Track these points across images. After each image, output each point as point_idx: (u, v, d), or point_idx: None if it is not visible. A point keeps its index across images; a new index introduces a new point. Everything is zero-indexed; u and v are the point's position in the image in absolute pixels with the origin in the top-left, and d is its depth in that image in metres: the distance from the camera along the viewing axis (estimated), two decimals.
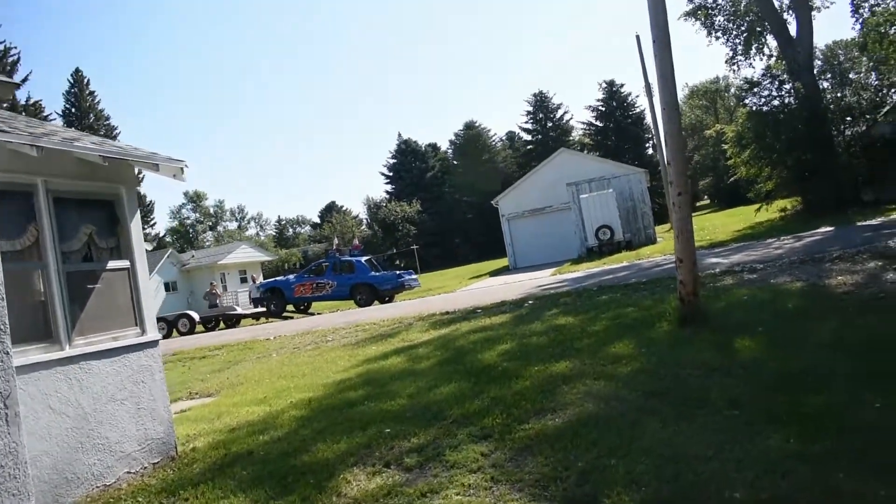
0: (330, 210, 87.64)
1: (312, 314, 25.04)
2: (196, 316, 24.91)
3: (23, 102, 48.79)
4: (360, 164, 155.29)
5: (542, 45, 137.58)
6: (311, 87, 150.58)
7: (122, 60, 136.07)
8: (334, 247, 28.81)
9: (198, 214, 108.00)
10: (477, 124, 73.90)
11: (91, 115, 57.76)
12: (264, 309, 25.12)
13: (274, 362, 11.84)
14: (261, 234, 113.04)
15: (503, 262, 35.65)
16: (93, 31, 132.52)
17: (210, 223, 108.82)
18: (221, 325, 25.50)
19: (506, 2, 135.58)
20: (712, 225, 33.70)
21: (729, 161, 30.42)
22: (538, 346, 8.57)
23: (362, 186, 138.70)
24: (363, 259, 26.02)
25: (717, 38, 31.38)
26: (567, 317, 10.35)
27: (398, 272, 25.31)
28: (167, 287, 42.18)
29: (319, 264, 26.76)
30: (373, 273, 24.88)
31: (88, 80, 58.45)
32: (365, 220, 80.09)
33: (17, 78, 47.98)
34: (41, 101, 52.74)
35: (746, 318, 8.35)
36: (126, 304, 6.67)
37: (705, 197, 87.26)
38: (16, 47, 48.20)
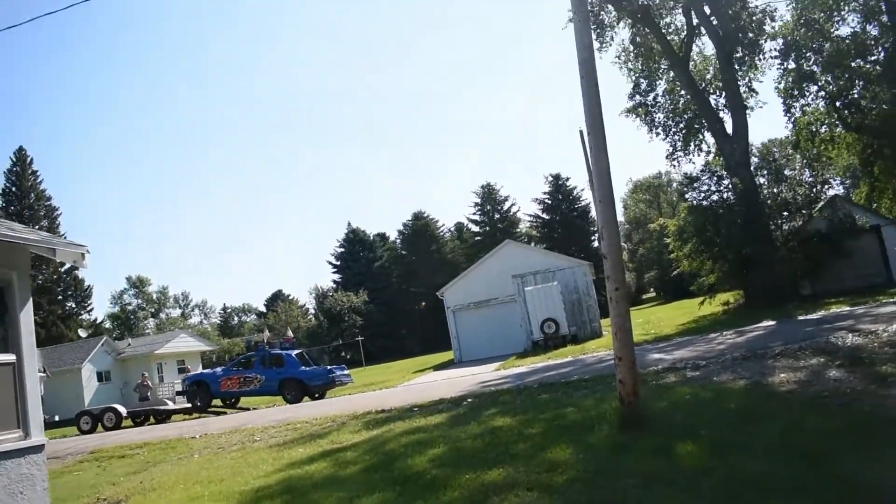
0: (276, 298, 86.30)
1: (246, 409, 23.88)
2: (123, 410, 23.51)
3: None
4: (308, 253, 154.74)
5: (491, 137, 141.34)
6: (257, 172, 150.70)
7: (67, 142, 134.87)
8: (264, 339, 27.65)
9: (140, 300, 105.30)
10: (425, 215, 74.34)
11: (32, 195, 56.49)
12: (189, 404, 23.80)
13: (194, 464, 10.95)
14: (205, 322, 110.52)
15: (449, 355, 35.03)
16: (39, 111, 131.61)
17: (153, 309, 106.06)
18: (151, 419, 24.11)
19: (454, 93, 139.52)
20: (657, 318, 33.86)
21: (672, 254, 30.87)
22: (472, 451, 8.02)
23: (310, 275, 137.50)
24: (294, 352, 24.97)
25: (658, 134, 32.42)
26: (505, 417, 9.83)
27: (329, 367, 24.22)
28: (100, 377, 40.44)
29: (248, 357, 25.68)
30: (303, 368, 23.78)
31: (32, 160, 57.54)
32: (312, 310, 78.84)
33: None
34: None
35: (689, 419, 7.97)
36: (7, 403, 5.96)
37: (651, 290, 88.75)
38: None
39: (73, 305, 57.44)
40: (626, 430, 7.83)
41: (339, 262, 76.04)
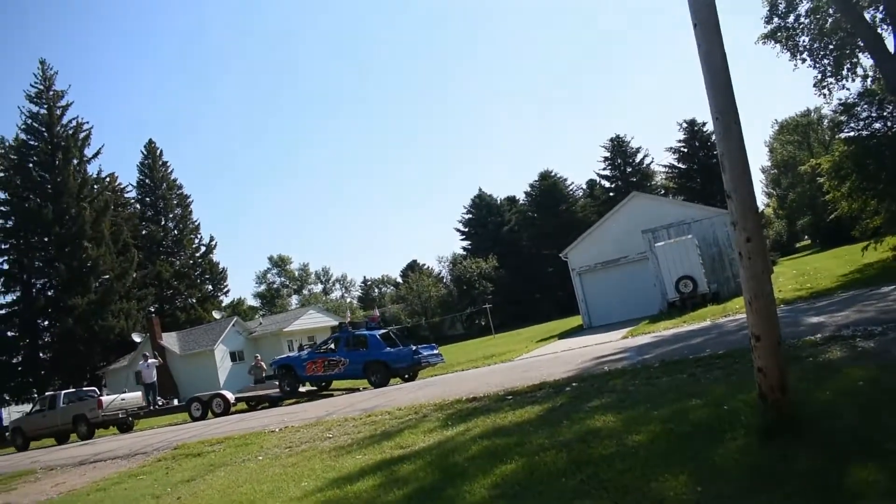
0: (411, 269, 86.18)
1: (333, 394, 22.61)
2: (231, 397, 22.87)
3: (94, 175, 49.38)
4: (440, 221, 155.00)
5: (619, 86, 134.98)
6: (388, 143, 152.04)
7: (193, 130, 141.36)
8: (347, 320, 26.12)
9: (283, 278, 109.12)
10: (553, 174, 71.17)
11: (164, 185, 58.46)
12: (286, 389, 22.79)
13: (245, 472, 9.46)
14: (346, 295, 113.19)
15: (580, 319, 32.57)
16: (165, 103, 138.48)
17: (295, 287, 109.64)
18: (266, 402, 23.37)
19: (579, 47, 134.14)
20: (813, 269, 29.85)
21: (827, 196, 26.83)
22: (552, 472, 5.91)
23: (441, 244, 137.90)
24: (378, 333, 23.18)
25: (803, 60, 28.05)
26: (608, 415, 7.57)
27: (415, 347, 22.24)
28: (233, 357, 41.04)
29: (332, 339, 24.21)
30: (387, 349, 22.05)
31: (161, 151, 59.53)
32: (446, 277, 77.84)
33: (88, 152, 49.02)
34: (115, 173, 53.71)
35: (866, 422, 5.46)
36: None
37: (805, 237, 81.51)
38: (87, 122, 49.11)
39: (210, 288, 59.29)
40: (770, 441, 5.42)
41: (466, 229, 74.57)
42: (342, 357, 22.14)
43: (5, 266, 46.48)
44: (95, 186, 49.13)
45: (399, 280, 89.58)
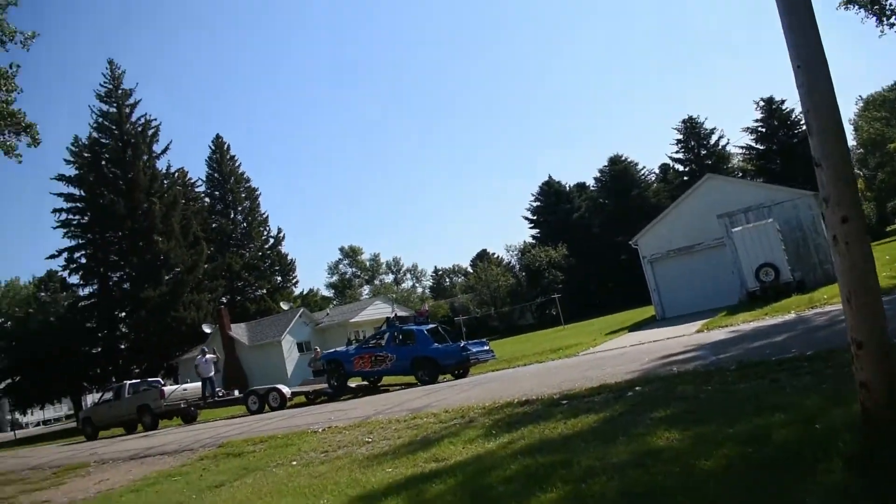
0: (481, 258, 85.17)
1: (388, 389, 21.84)
2: (287, 391, 22.39)
3: (163, 170, 50.11)
4: (509, 210, 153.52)
5: (689, 65, 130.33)
6: (457, 132, 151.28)
7: (259, 123, 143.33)
8: (394, 314, 25.10)
9: (354, 269, 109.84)
10: (623, 158, 68.81)
11: (232, 179, 59.05)
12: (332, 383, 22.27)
13: (273, 480, 8.70)
14: (417, 286, 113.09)
15: (652, 311, 30.92)
16: (231, 97, 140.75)
17: (367, 277, 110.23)
18: (324, 397, 22.79)
19: (647, 28, 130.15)
20: None
21: None
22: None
23: (513, 231, 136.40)
24: (426, 328, 22.14)
25: (890, 24, 25.57)
26: (673, 430, 6.42)
27: (463, 344, 21.15)
28: (300, 348, 40.95)
29: (380, 334, 23.28)
30: (435, 345, 21.01)
31: (228, 146, 60.25)
32: (515, 266, 76.37)
33: (157, 148, 49.79)
34: (184, 168, 54.52)
35: None
36: None
37: None
38: (155, 119, 49.87)
39: (279, 279, 59.74)
40: (876, 476, 4.24)
41: (535, 217, 72.96)
42: (389, 353, 21.36)
43: (83, 260, 47.73)
44: (165, 181, 49.91)
45: (469, 269, 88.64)
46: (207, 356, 24.41)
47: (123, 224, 46.25)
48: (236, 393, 24.83)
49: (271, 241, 60.37)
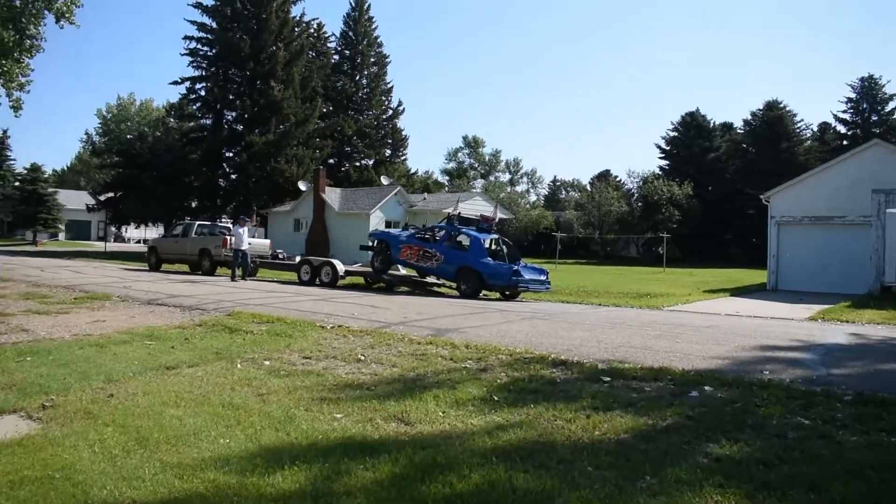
0: (603, 177, 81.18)
1: (441, 291, 20.11)
2: (341, 268, 20.79)
3: (297, 17, 48.67)
4: (644, 134, 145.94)
5: (880, 17, 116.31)
6: (609, 39, 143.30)
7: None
8: (456, 212, 22.59)
9: (472, 160, 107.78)
10: (782, 105, 62.19)
11: (365, 41, 57.13)
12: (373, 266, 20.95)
13: (220, 382, 7.04)
14: (531, 191, 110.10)
15: (765, 276, 27.44)
16: None
17: (483, 171, 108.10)
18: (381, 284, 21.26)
19: None
20: None
21: None
22: None
23: (642, 158, 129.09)
24: (486, 237, 19.96)
25: None
26: (728, 491, 4.11)
27: (516, 267, 18.73)
28: (388, 225, 39.69)
29: (437, 228, 21.16)
30: (486, 260, 18.92)
31: (369, 5, 57.89)
32: (634, 193, 71.94)
33: None
34: (319, 19, 52.82)
35: None
36: None
37: None
38: None
39: (389, 153, 58.35)
40: None
41: (668, 147, 67.88)
42: (439, 251, 19.54)
43: (203, 93, 47.53)
44: (296, 29, 48.41)
45: (588, 187, 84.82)
46: (244, 227, 22.66)
47: (246, 64, 45.45)
48: (297, 259, 23.57)
49: (390, 112, 58.69)
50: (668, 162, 67.78)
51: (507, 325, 11.87)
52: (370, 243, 22.03)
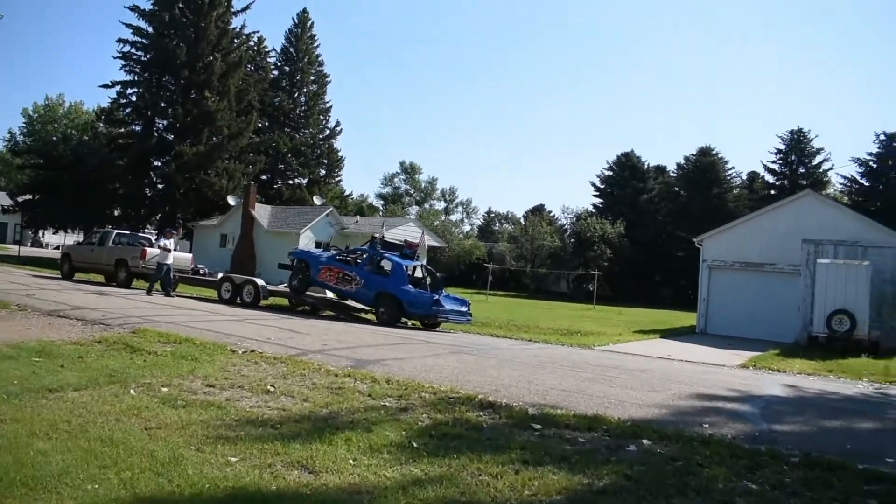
0: (537, 211, 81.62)
1: (368, 316, 19.38)
2: (264, 287, 19.79)
3: (237, 28, 47.49)
4: (578, 171, 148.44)
5: (807, 78, 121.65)
6: (541, 84, 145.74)
7: (354, 12, 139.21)
8: (380, 235, 21.93)
9: (409, 186, 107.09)
10: (714, 151, 63.83)
11: (305, 58, 56.21)
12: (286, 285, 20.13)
13: (104, 409, 6.09)
14: (466, 220, 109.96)
15: (694, 318, 27.50)
16: None
17: (419, 198, 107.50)
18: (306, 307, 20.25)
19: (770, 26, 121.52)
20: None
21: None
22: None
23: (576, 195, 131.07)
24: (408, 263, 19.37)
25: None
26: None
27: (437, 297, 18.21)
28: (318, 247, 38.54)
29: (359, 251, 20.52)
30: (407, 287, 18.28)
31: (312, 23, 57.28)
32: (568, 230, 72.25)
33: (238, 4, 46.96)
34: (261, 33, 51.74)
35: None
36: None
37: None
38: None
39: (323, 173, 57.24)
40: None
41: (602, 186, 68.75)
42: (359, 275, 18.75)
43: (134, 98, 45.70)
44: (235, 40, 47.14)
45: (522, 220, 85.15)
46: (165, 241, 21.22)
47: (181, 73, 43.84)
48: (220, 275, 22.36)
49: (327, 131, 57.52)
50: (601, 200, 68.61)
51: (433, 358, 11.16)
52: (290, 262, 21.10)
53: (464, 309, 18.87)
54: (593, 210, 67.14)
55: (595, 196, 69.82)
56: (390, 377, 8.57)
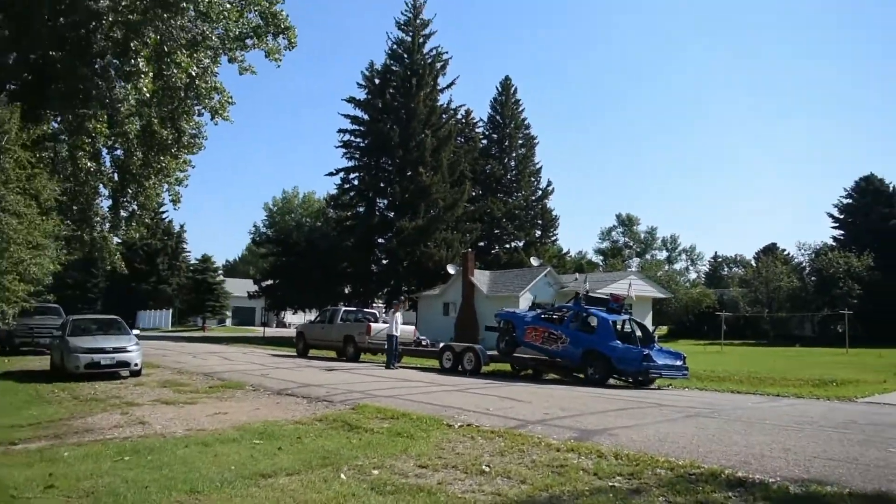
0: (770, 251, 75.82)
1: (618, 385, 18.21)
2: (484, 351, 19.74)
3: (444, 104, 49.64)
4: (810, 203, 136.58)
5: None
6: (759, 114, 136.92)
7: (551, 72, 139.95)
8: (583, 290, 20.54)
9: (627, 238, 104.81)
10: None
11: (512, 124, 57.45)
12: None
13: (313, 495, 5.99)
14: (691, 268, 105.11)
15: None
16: (525, 40, 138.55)
17: (639, 249, 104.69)
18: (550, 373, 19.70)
19: None
20: None
21: None
22: None
23: (811, 228, 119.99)
24: (615, 318, 18.17)
25: None
26: None
27: (647, 352, 16.70)
28: (531, 308, 38.31)
29: (562, 309, 19.70)
30: (615, 343, 17.13)
31: (515, 89, 58.81)
32: (805, 268, 66.09)
33: (442, 82, 49.38)
34: (468, 106, 53.74)
35: None
36: None
37: None
38: (447, 52, 49.36)
39: (539, 234, 57.45)
40: None
41: (842, 216, 62.22)
42: (564, 334, 18.05)
43: (356, 182, 49.28)
44: (443, 116, 49.36)
45: (753, 262, 79.40)
46: (396, 313, 21.72)
47: (396, 153, 46.65)
48: (441, 345, 22.72)
49: (539, 192, 58.02)
50: (842, 232, 62.07)
51: (666, 424, 10.19)
52: (496, 323, 20.95)
53: (678, 363, 17.55)
54: (834, 243, 60.81)
55: (834, 227, 63.41)
56: (619, 450, 7.85)
